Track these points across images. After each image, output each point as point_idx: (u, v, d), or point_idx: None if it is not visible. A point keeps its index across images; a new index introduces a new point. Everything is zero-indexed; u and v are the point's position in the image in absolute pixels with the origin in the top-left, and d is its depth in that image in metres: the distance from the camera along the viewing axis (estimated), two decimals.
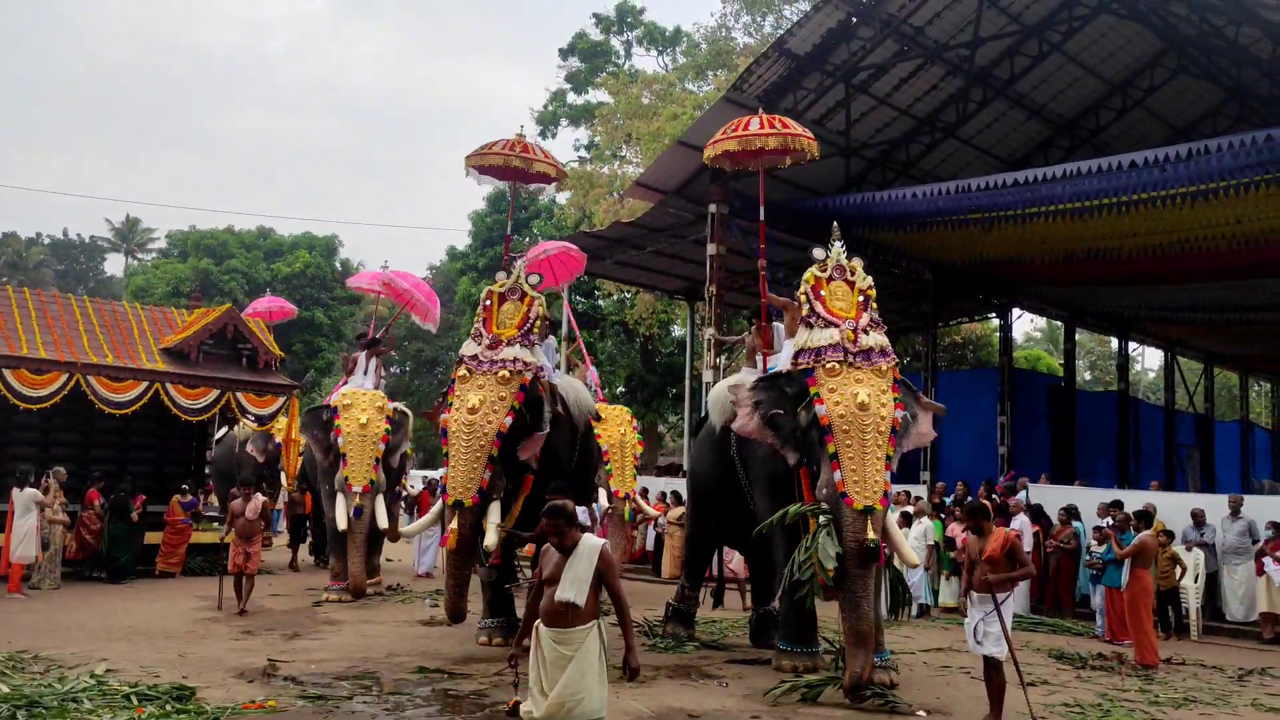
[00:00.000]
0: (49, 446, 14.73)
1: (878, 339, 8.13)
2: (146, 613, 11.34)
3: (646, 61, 35.19)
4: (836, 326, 8.14)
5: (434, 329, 15.61)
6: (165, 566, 14.79)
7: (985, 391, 22.85)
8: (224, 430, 18.70)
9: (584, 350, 15.04)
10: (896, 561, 8.69)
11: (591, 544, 5.22)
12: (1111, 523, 11.89)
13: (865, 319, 8.19)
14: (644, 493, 16.00)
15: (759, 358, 9.98)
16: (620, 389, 31.03)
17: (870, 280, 8.42)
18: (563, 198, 33.71)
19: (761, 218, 10.85)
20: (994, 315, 26.07)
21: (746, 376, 9.62)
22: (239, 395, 14.99)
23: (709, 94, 28.50)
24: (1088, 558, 12.37)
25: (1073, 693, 8.51)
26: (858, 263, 8.48)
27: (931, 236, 17.36)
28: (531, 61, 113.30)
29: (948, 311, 25.49)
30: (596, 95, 33.94)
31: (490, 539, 8.77)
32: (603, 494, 12.88)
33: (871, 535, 7.52)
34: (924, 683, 8.74)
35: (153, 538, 14.74)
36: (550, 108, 34.71)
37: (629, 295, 29.12)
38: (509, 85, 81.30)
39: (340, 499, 12.42)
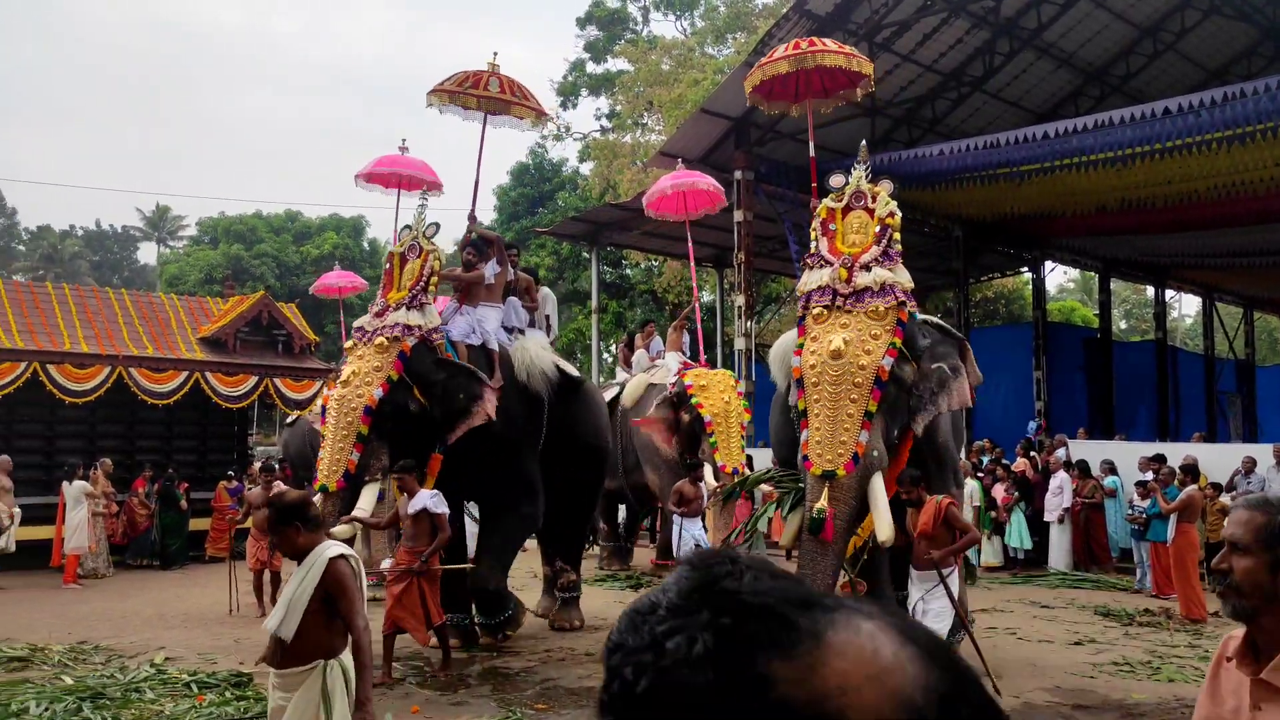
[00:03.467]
0: (96, 439, 14.98)
1: (880, 275, 7.00)
2: (199, 599, 11.56)
3: (665, 27, 34.90)
4: (832, 265, 7.19)
5: (441, 191, 12.02)
6: (215, 551, 15.05)
7: (1019, 347, 22.66)
8: (295, 415, 18.50)
9: (696, 314, 13.39)
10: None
11: (320, 556, 3.93)
12: (1154, 477, 11.82)
13: (874, 252, 7.12)
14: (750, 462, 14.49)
15: None
16: None
17: (893, 207, 7.31)
18: (586, 168, 33.62)
19: (812, 154, 9.30)
20: (1026, 269, 25.79)
21: None
22: (276, 381, 15.20)
23: (729, 58, 28.24)
24: (1130, 512, 12.31)
25: (1121, 650, 8.50)
26: (884, 186, 7.41)
27: (960, 193, 17.16)
28: (547, 32, 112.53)
29: (978, 267, 25.24)
30: (616, 64, 33.70)
31: (338, 530, 7.45)
32: (708, 470, 11.36)
33: (820, 504, 6.58)
34: (968, 645, 8.74)
35: (199, 524, 15.01)
36: (570, 78, 34.52)
37: (656, 263, 29.07)
38: (525, 56, 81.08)
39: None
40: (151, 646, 8.71)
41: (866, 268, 7.03)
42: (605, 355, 31.75)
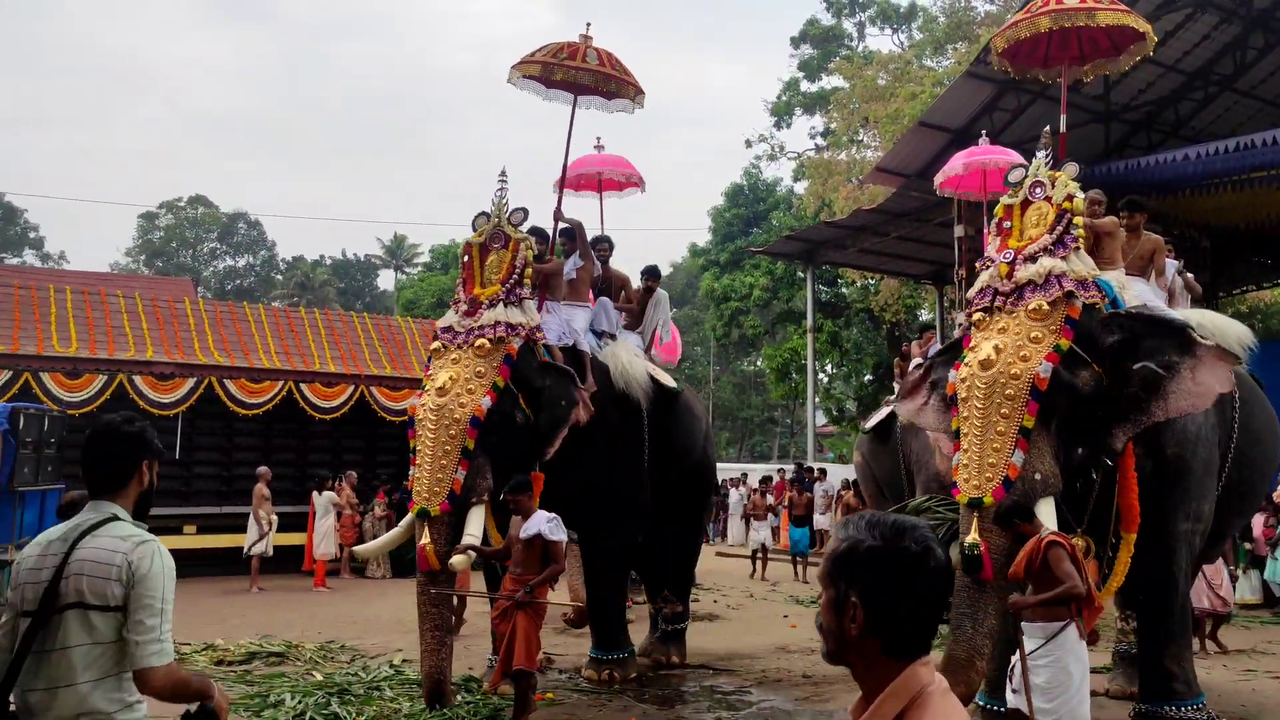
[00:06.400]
0: (340, 453, 16.15)
1: (1045, 266, 6.00)
2: None
3: (881, 41, 34.43)
4: (995, 263, 6.28)
5: (642, 190, 10.67)
6: None
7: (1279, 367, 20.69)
8: None
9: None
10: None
11: None
12: None
13: (1043, 242, 6.11)
14: None
15: None
16: (868, 377, 30.43)
17: (1071, 189, 6.23)
18: (801, 187, 33.42)
19: (1062, 129, 7.59)
20: None
21: None
22: None
23: (949, 69, 27.40)
24: None
25: None
26: (1069, 170, 6.33)
27: (1208, 200, 15.91)
28: (759, 54, 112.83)
29: (1230, 280, 23.24)
30: (831, 81, 33.39)
31: (455, 561, 6.73)
32: None
33: (971, 537, 5.61)
34: (1225, 688, 8.04)
35: None
36: (784, 97, 34.47)
37: (873, 282, 28.49)
38: (738, 79, 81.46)
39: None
40: (390, 648, 9.27)
41: (1032, 259, 6.09)
42: (820, 375, 31.37)
